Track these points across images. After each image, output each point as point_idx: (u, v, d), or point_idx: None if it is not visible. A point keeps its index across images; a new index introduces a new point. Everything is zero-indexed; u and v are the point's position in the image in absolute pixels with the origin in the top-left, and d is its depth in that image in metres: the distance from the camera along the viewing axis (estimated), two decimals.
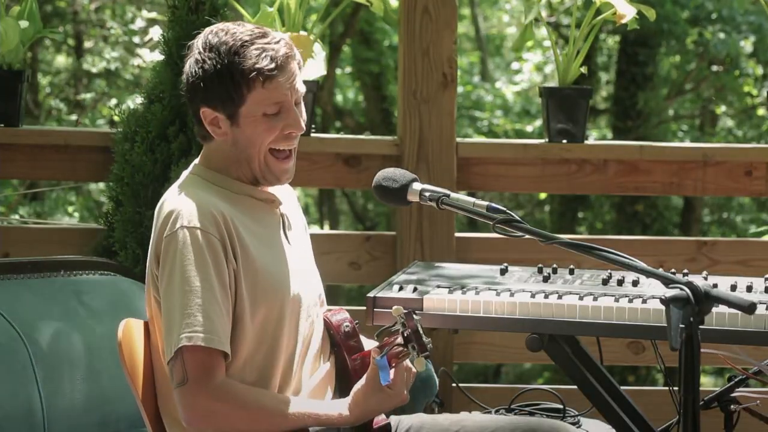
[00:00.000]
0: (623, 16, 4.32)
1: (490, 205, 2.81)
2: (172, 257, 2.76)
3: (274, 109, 2.82)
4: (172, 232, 2.77)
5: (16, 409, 3.13)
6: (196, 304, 2.72)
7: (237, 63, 2.78)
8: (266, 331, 2.83)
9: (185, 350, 2.71)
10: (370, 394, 2.80)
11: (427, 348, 2.73)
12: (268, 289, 2.83)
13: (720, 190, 4.75)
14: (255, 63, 2.78)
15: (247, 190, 2.89)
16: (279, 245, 2.91)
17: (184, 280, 2.74)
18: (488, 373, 12.21)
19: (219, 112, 2.82)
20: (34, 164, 4.50)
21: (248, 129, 2.83)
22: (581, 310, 3.05)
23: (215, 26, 2.86)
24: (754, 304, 2.45)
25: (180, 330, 2.71)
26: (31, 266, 3.51)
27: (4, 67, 4.38)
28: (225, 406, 2.73)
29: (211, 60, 2.80)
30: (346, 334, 2.96)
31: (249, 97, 2.80)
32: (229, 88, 2.79)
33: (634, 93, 11.71)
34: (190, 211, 2.77)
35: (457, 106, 4.58)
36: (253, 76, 2.78)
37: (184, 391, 2.73)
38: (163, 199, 2.88)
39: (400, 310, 2.77)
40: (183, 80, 2.87)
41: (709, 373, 11.31)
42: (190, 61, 2.85)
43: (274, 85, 2.80)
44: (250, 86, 2.79)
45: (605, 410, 3.20)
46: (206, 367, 2.72)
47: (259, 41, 2.80)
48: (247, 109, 2.81)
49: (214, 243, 2.76)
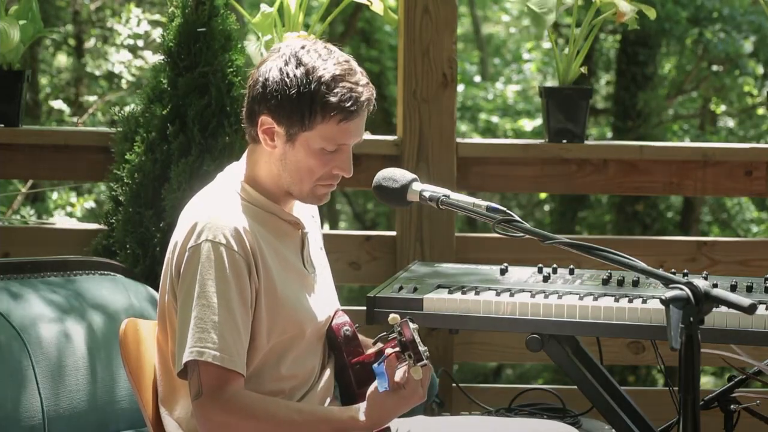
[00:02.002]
0: (623, 15, 4.32)
1: (490, 205, 2.81)
2: (193, 270, 2.76)
3: (333, 147, 2.82)
4: (197, 244, 2.77)
5: (15, 409, 3.13)
6: (211, 321, 2.72)
7: (323, 94, 2.76)
8: (279, 348, 2.84)
9: (200, 365, 2.73)
10: (386, 397, 2.78)
11: (424, 357, 2.72)
12: (287, 309, 2.84)
13: (720, 190, 4.75)
14: (340, 102, 2.77)
15: (275, 209, 2.88)
16: (299, 267, 2.91)
17: (202, 295, 2.74)
18: (488, 373, 12.21)
19: (280, 127, 2.81)
20: (34, 164, 4.50)
21: (300, 154, 2.82)
22: (581, 310, 3.05)
23: (309, 42, 2.83)
24: (754, 304, 2.45)
25: (192, 344, 2.72)
26: (31, 266, 3.50)
27: (4, 67, 4.38)
28: (237, 418, 2.74)
29: (297, 78, 2.77)
30: (346, 337, 2.95)
31: (318, 127, 2.79)
32: (304, 113, 2.78)
33: (634, 93, 11.70)
34: (216, 225, 2.77)
35: (457, 106, 4.59)
36: (334, 113, 2.77)
37: (198, 405, 2.75)
38: (191, 205, 2.87)
39: (397, 318, 2.76)
40: (256, 79, 2.83)
41: (709, 373, 11.31)
42: (272, 65, 2.81)
43: (346, 126, 2.79)
44: (325, 119, 2.78)
45: (605, 410, 3.20)
46: (220, 382, 2.73)
47: (349, 79, 2.79)
48: (309, 136, 2.80)
49: (238, 261, 2.76)
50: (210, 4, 4.11)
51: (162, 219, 4.00)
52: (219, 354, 2.72)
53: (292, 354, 2.86)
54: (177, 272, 2.80)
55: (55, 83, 10.98)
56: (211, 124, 4.06)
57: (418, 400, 2.81)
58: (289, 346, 2.85)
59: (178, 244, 2.82)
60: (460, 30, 11.73)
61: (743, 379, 3.30)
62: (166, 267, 2.86)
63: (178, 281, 2.80)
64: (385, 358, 2.74)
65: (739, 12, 11.55)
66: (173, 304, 2.82)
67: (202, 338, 2.72)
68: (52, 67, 11.33)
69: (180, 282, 2.79)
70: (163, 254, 3.93)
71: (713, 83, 12.69)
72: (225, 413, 2.73)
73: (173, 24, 4.13)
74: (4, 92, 4.40)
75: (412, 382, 2.77)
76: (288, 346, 2.85)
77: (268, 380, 2.84)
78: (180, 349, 2.75)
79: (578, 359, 3.21)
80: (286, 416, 2.77)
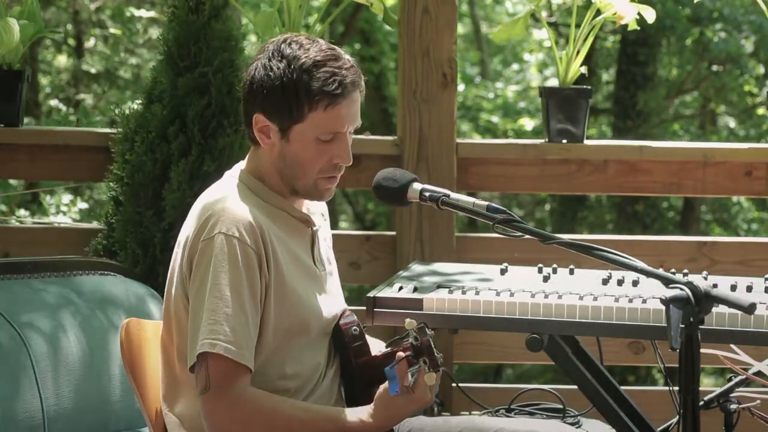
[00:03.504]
0: (623, 17, 4.32)
1: (490, 205, 2.81)
2: (207, 262, 2.76)
3: (328, 136, 2.82)
4: (210, 237, 2.77)
5: (15, 409, 3.13)
6: (224, 313, 2.72)
7: (305, 81, 2.77)
8: (285, 345, 2.84)
9: (209, 358, 2.72)
10: (393, 400, 2.78)
11: (439, 364, 2.74)
12: (295, 305, 2.84)
13: (720, 190, 4.74)
14: (323, 86, 2.77)
15: (285, 205, 2.89)
16: (309, 264, 2.92)
17: (215, 287, 2.74)
18: (488, 373, 12.21)
19: (272, 123, 2.82)
20: (34, 164, 4.50)
21: (297, 147, 2.83)
22: (581, 310, 3.05)
23: (290, 36, 2.85)
24: (754, 304, 2.45)
25: (205, 336, 2.72)
26: (31, 266, 3.51)
27: (4, 67, 4.38)
28: (243, 413, 2.74)
29: (279, 70, 2.79)
30: (353, 337, 2.95)
31: (308, 116, 2.80)
32: (291, 104, 2.78)
33: (634, 93, 11.71)
34: (229, 218, 2.77)
35: (457, 106, 4.58)
36: (319, 98, 2.78)
37: (206, 399, 2.74)
38: (202, 200, 2.87)
39: (413, 323, 2.76)
40: (245, 79, 2.85)
41: (709, 373, 11.31)
42: (257, 63, 2.83)
43: (335, 111, 2.80)
44: (313, 106, 2.79)
45: (605, 410, 3.20)
46: (228, 376, 2.73)
47: (331, 64, 2.79)
48: (301, 128, 2.81)
49: (250, 254, 2.76)
50: (210, 4, 4.11)
51: (162, 219, 4.00)
52: (231, 347, 2.72)
53: (297, 351, 2.86)
54: (189, 265, 2.80)
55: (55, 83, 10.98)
56: (211, 124, 4.06)
57: (424, 405, 2.82)
58: (296, 343, 2.85)
59: (189, 237, 2.82)
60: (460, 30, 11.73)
61: (743, 379, 3.30)
62: (174, 262, 2.86)
63: (190, 275, 2.80)
64: (398, 362, 2.74)
65: (739, 12, 11.56)
66: (182, 298, 2.82)
67: (214, 330, 2.72)
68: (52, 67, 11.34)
69: (193, 275, 2.79)
70: (164, 254, 3.94)
71: (713, 83, 12.70)
72: (232, 408, 2.73)
73: (173, 24, 4.13)
74: (4, 92, 4.40)
75: (423, 387, 2.77)
76: (294, 342, 2.85)
77: (273, 378, 2.83)
78: (193, 341, 2.75)
79: (578, 359, 3.21)
80: (293, 414, 2.77)
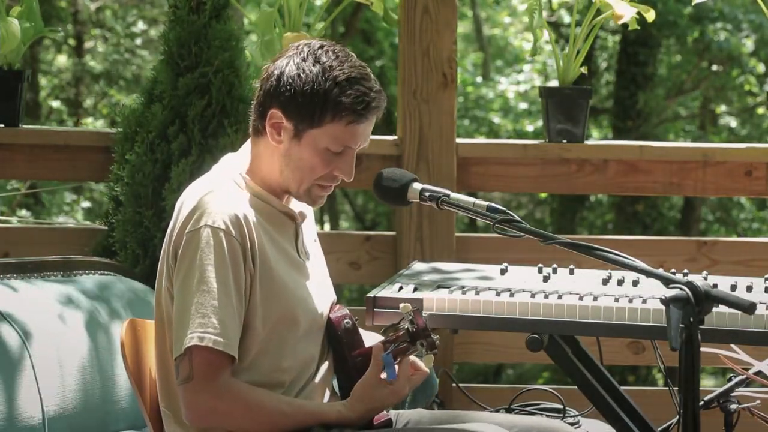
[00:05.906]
0: (621, 17, 4.32)
1: (490, 205, 2.81)
2: (192, 254, 2.77)
3: (339, 148, 2.85)
4: (195, 228, 2.78)
5: (15, 409, 3.13)
6: (211, 306, 2.73)
7: (337, 93, 2.80)
8: (276, 337, 2.85)
9: (194, 349, 2.73)
10: (372, 391, 2.83)
11: (436, 345, 2.76)
12: (283, 296, 2.85)
13: (720, 190, 4.74)
14: (353, 103, 2.80)
15: (272, 200, 2.91)
16: (294, 256, 2.93)
17: (202, 280, 2.75)
18: (488, 373, 12.21)
19: (288, 121, 2.84)
20: (34, 164, 4.50)
21: (305, 151, 2.84)
22: (581, 310, 3.05)
23: (327, 43, 2.87)
24: (754, 304, 2.45)
25: (193, 329, 2.73)
26: (31, 266, 3.51)
27: (4, 67, 4.38)
28: (226, 404, 2.75)
29: (312, 74, 2.81)
30: (346, 330, 2.96)
31: (327, 126, 2.82)
32: (315, 110, 2.81)
33: (634, 93, 11.71)
34: (215, 211, 2.78)
35: (457, 106, 4.58)
36: (345, 113, 2.80)
37: (188, 389, 2.75)
38: (189, 192, 2.89)
39: (408, 307, 2.79)
40: (271, 72, 2.86)
41: (709, 373, 11.31)
42: (289, 61, 2.84)
43: (354, 128, 2.83)
44: (335, 119, 2.81)
45: (605, 410, 3.20)
46: (213, 367, 2.74)
47: (363, 83, 2.83)
48: (316, 134, 2.83)
49: (236, 246, 2.77)
50: (210, 4, 4.11)
51: (162, 219, 4.00)
52: (220, 339, 2.73)
53: (290, 345, 2.86)
54: (174, 256, 2.81)
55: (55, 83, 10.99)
56: (211, 125, 4.06)
57: (403, 397, 2.86)
58: (286, 336, 2.86)
59: (175, 228, 2.83)
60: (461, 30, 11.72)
61: (743, 379, 3.30)
62: (163, 255, 2.87)
63: (175, 265, 2.80)
64: (395, 348, 2.76)
65: (740, 11, 11.56)
66: (169, 288, 2.83)
67: (203, 323, 2.73)
68: (52, 67, 11.34)
69: (177, 266, 2.80)
70: None
71: (713, 83, 12.70)
72: (215, 398, 2.74)
73: (174, 23, 4.13)
74: (4, 92, 4.39)
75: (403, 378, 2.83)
76: (285, 334, 2.86)
77: (268, 370, 2.84)
78: (179, 333, 2.75)
79: (578, 359, 3.21)
80: (275, 407, 2.79)
